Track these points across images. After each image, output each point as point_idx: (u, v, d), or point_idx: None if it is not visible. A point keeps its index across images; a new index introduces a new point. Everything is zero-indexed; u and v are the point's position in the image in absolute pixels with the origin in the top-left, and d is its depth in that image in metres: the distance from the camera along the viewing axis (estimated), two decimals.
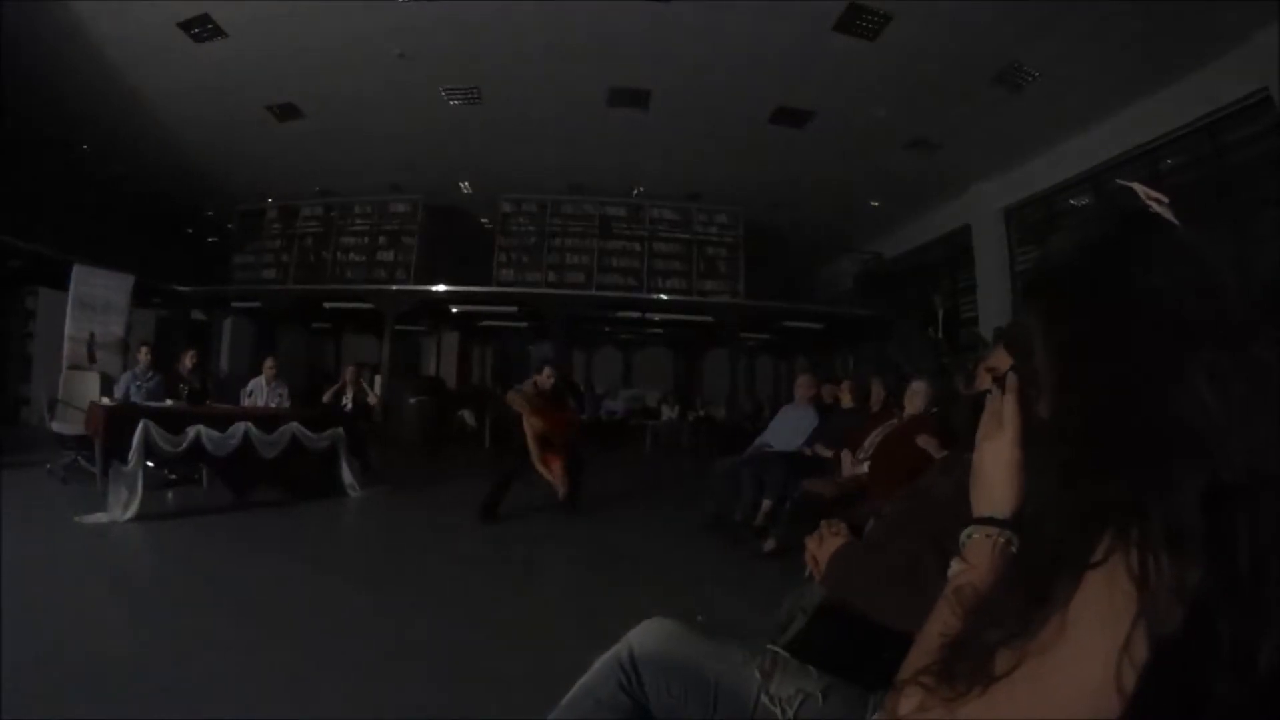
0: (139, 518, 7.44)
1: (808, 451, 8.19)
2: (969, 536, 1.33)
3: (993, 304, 14.62)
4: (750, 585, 5.76)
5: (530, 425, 8.88)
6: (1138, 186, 1.24)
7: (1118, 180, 1.16)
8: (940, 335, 15.14)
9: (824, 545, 2.16)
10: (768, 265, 20.02)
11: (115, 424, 8.11)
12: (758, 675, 1.81)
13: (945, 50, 11.17)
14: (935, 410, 6.30)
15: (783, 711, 1.75)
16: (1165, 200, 1.20)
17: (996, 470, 1.33)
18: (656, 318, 20.46)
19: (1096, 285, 1.10)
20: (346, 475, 9.71)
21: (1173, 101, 11.41)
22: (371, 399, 12.91)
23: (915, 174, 15.64)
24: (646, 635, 1.89)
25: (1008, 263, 14.84)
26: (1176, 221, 1.14)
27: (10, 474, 10.16)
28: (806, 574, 2.28)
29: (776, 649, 1.88)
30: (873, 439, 6.85)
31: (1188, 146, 11.68)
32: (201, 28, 12.61)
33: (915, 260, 18.80)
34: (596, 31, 12.19)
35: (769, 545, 7.05)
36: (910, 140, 14.28)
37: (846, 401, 8.73)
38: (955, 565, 1.34)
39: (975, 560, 1.29)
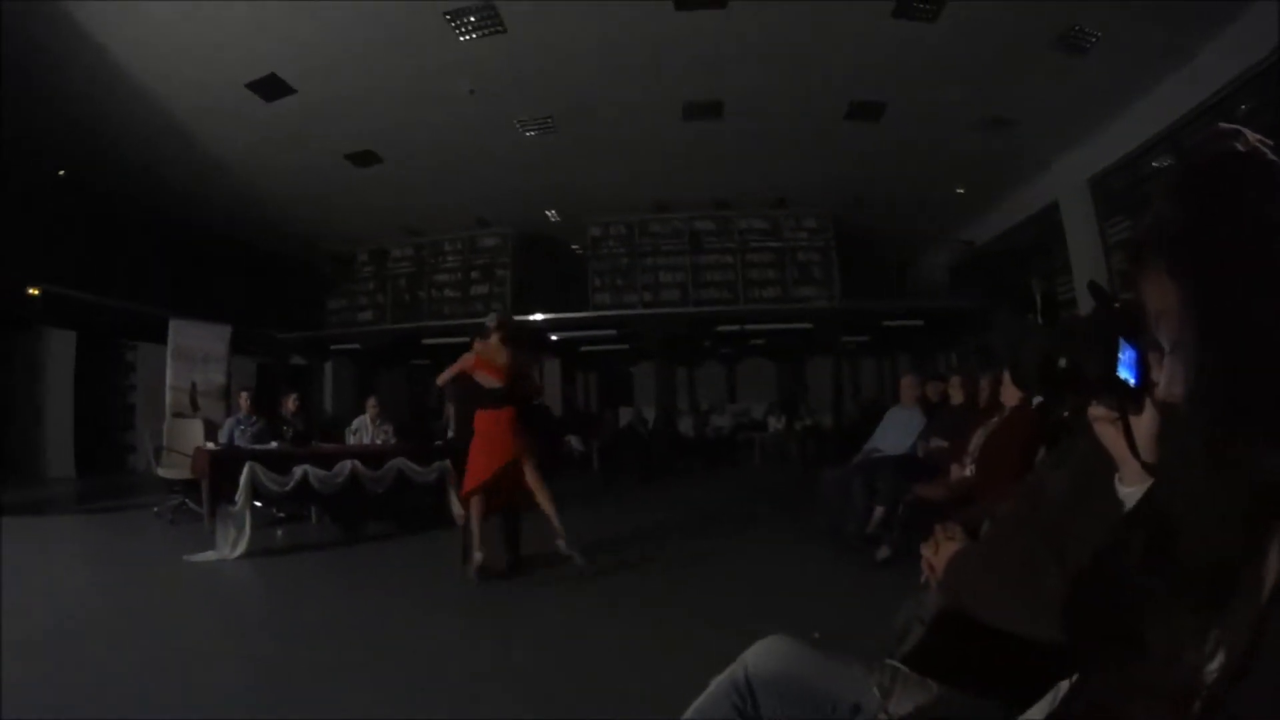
0: (248, 555, 7.56)
1: (919, 453, 7.96)
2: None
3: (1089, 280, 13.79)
4: (865, 596, 5.57)
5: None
6: (1244, 131, 1.08)
7: (1220, 124, 1.00)
8: (1041, 320, 14.68)
9: (940, 551, 2.01)
10: (861, 265, 19.71)
11: (221, 467, 8.27)
12: (877, 693, 1.72)
13: (1004, 22, 10.83)
14: (1038, 401, 6.03)
15: None
16: (1270, 142, 1.03)
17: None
18: (755, 329, 20.22)
19: (1232, 233, 0.95)
20: (455, 506, 9.68)
21: (1238, 41, 10.65)
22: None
23: (995, 155, 15.23)
24: (762, 655, 1.81)
25: (1099, 237, 14.19)
26: None
27: (120, 517, 10.54)
28: (921, 581, 2.16)
29: (895, 664, 1.80)
30: (977, 438, 6.59)
31: (1261, 89, 11.03)
32: (270, 87, 12.96)
33: (1007, 244, 18.17)
34: (660, 47, 12.17)
35: (882, 553, 6.90)
36: (986, 120, 13.90)
37: (956, 398, 8.41)
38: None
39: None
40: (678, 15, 11.15)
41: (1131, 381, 1.18)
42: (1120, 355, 1.19)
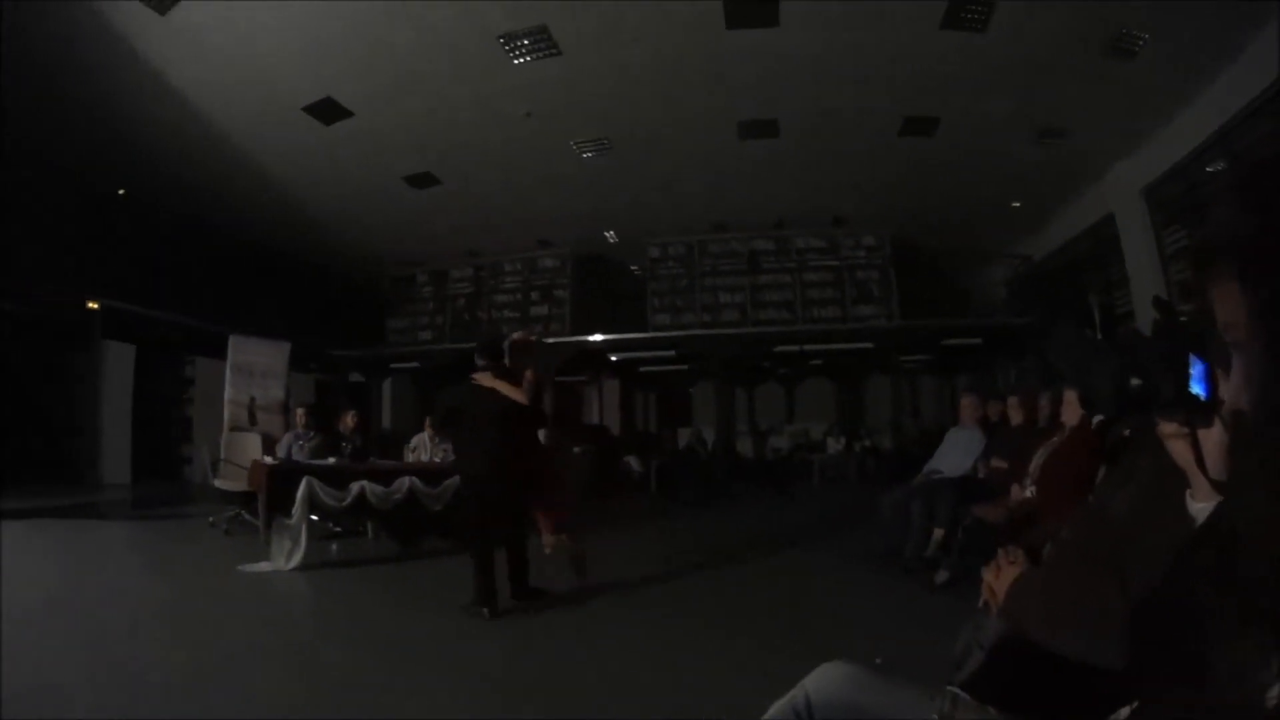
0: (303, 567, 7.62)
1: (980, 474, 7.83)
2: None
3: (1147, 294, 13.64)
4: (924, 620, 5.43)
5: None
6: None
7: None
8: (1100, 335, 14.38)
9: (1001, 575, 1.98)
10: (919, 283, 19.54)
11: (278, 480, 8.35)
12: (937, 719, 1.70)
13: (1052, 28, 10.67)
14: (1098, 419, 5.93)
15: None
16: None
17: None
18: (814, 349, 20.08)
19: None
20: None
21: None
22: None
23: (1050, 167, 15.01)
24: (823, 680, 1.81)
25: (1156, 247, 13.86)
26: None
27: (174, 526, 10.84)
28: (980, 605, 2.12)
29: (955, 690, 1.76)
30: (1038, 458, 6.44)
31: None
32: (327, 110, 13.26)
33: (1064, 258, 17.91)
34: (713, 66, 12.20)
35: (941, 577, 6.77)
36: (1039, 131, 13.72)
37: (1015, 418, 8.25)
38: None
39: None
40: (729, 34, 11.18)
41: (1201, 396, 1.16)
42: (1190, 370, 1.17)
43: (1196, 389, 1.14)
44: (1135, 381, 1.22)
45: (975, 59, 11.48)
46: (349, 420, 11.29)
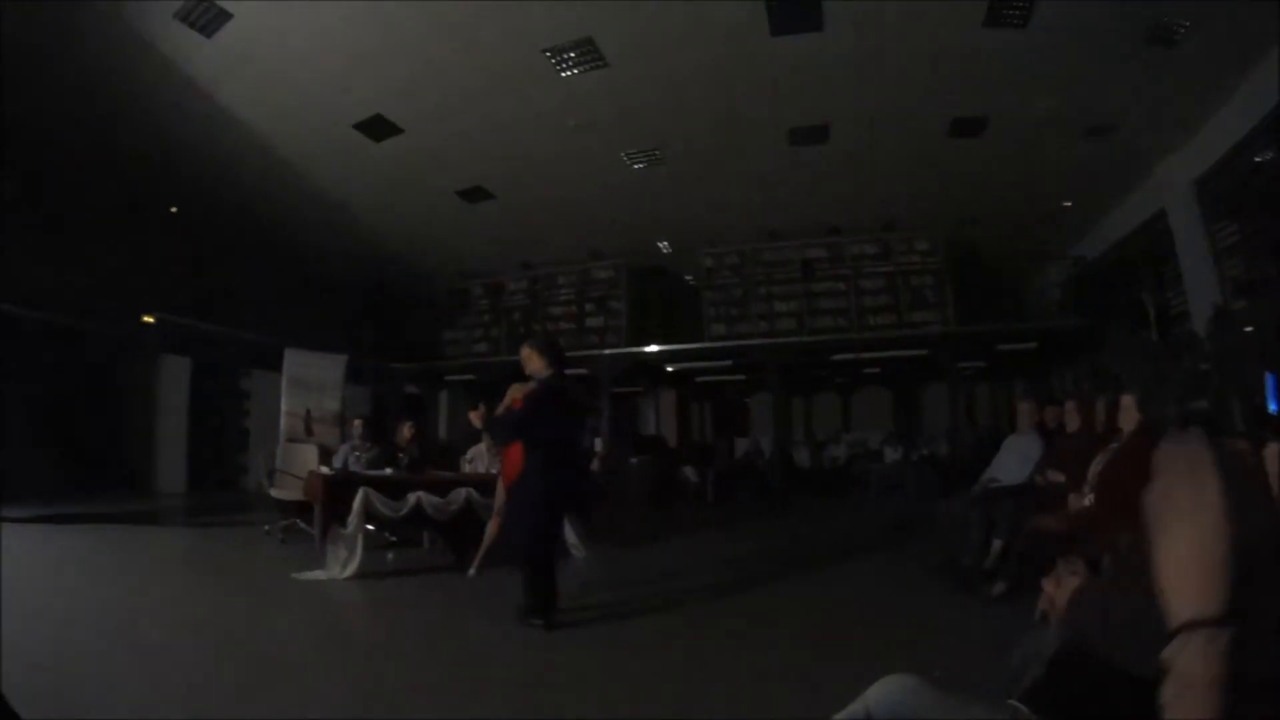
0: (358, 576, 7.72)
1: (1038, 482, 7.72)
2: (1179, 651, 1.09)
3: (1201, 291, 13.27)
4: (982, 632, 5.38)
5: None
6: None
7: None
8: (1156, 336, 14.07)
9: (1062, 586, 1.99)
10: (973, 287, 19.32)
11: (334, 491, 8.43)
12: None
13: (1092, 21, 10.49)
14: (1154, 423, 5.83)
15: None
16: None
17: (1198, 558, 1.10)
18: (870, 357, 19.95)
19: None
20: (570, 536, 9.69)
21: None
22: (595, 464, 13.04)
23: (1099, 163, 14.75)
24: (884, 694, 1.81)
25: (1208, 243, 13.40)
26: None
27: (230, 534, 11.30)
28: (1037, 617, 2.14)
29: (1015, 704, 1.77)
30: (1096, 465, 6.28)
31: None
32: (377, 127, 13.50)
33: (1118, 257, 17.38)
34: (760, 73, 12.19)
35: (998, 588, 6.71)
36: (1087, 127, 13.50)
37: (1072, 424, 8.12)
38: (1170, 688, 1.11)
39: (1193, 675, 1.06)
40: (774, 41, 11.16)
41: (1271, 408, 1.14)
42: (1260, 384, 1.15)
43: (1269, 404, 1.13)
44: (1202, 405, 1.21)
45: (1019, 55, 11.35)
46: (406, 431, 11.37)
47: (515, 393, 6.48)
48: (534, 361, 6.39)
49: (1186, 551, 1.08)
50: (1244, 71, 11.37)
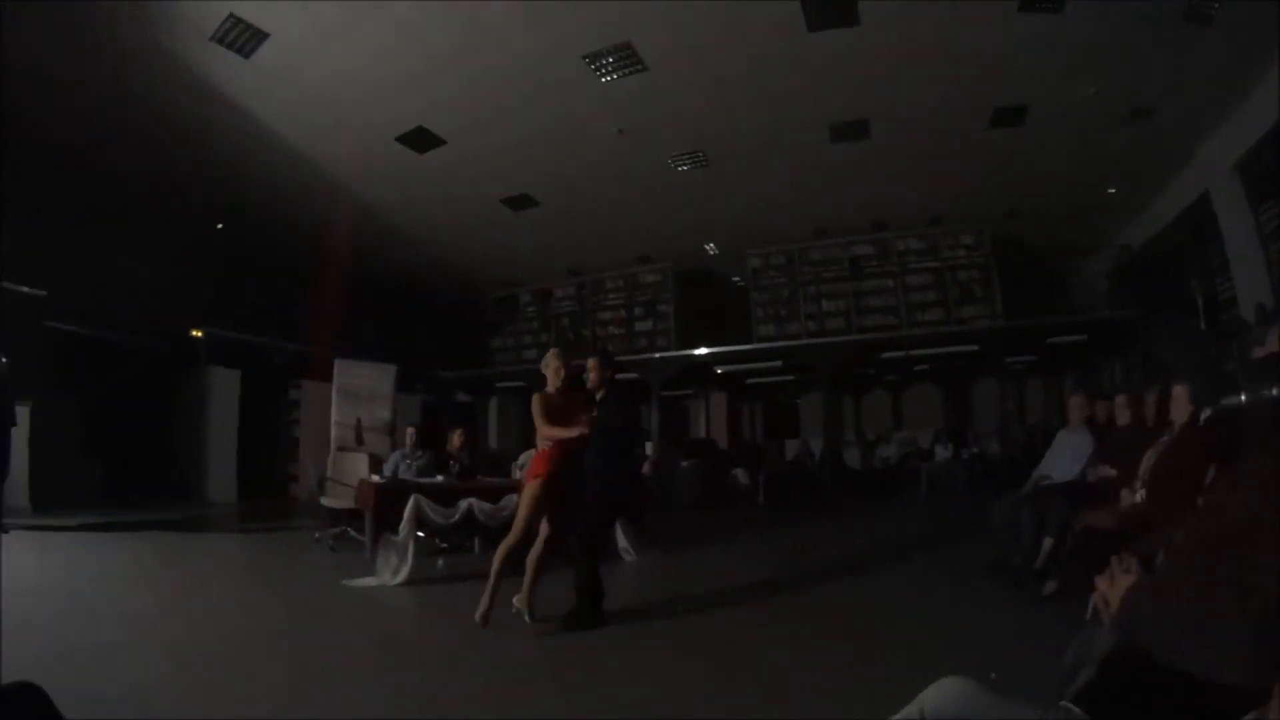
0: (409, 582, 7.77)
1: (1089, 478, 7.63)
2: None
3: (1249, 276, 13.03)
4: (1034, 633, 5.29)
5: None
6: None
7: None
8: (1204, 325, 13.80)
9: (1115, 584, 1.96)
10: (1021, 280, 19.06)
11: (386, 498, 8.56)
12: None
13: (1128, 2, 10.29)
14: (1207, 415, 5.73)
15: None
16: None
17: None
18: (920, 354, 19.86)
19: None
20: (621, 540, 9.73)
21: None
22: (646, 467, 13.05)
23: (1141, 148, 14.51)
24: (939, 697, 1.80)
25: (1255, 225, 13.05)
26: None
27: (280, 541, 11.53)
28: (1088, 616, 2.11)
29: (1069, 705, 1.76)
30: (1147, 460, 6.16)
31: None
32: (419, 139, 13.68)
33: (1164, 244, 16.98)
34: (799, 71, 12.17)
35: (1049, 587, 6.61)
36: (1126, 111, 13.29)
37: (1122, 418, 8.02)
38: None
39: None
40: (812, 37, 11.14)
41: None
42: None
43: None
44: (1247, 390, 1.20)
45: (1055, 40, 11.20)
46: (457, 439, 11.45)
47: (539, 403, 6.41)
48: (597, 372, 6.52)
49: None
50: (1275, 48, 11.18)
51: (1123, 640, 1.87)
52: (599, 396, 6.50)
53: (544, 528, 6.30)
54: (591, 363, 6.62)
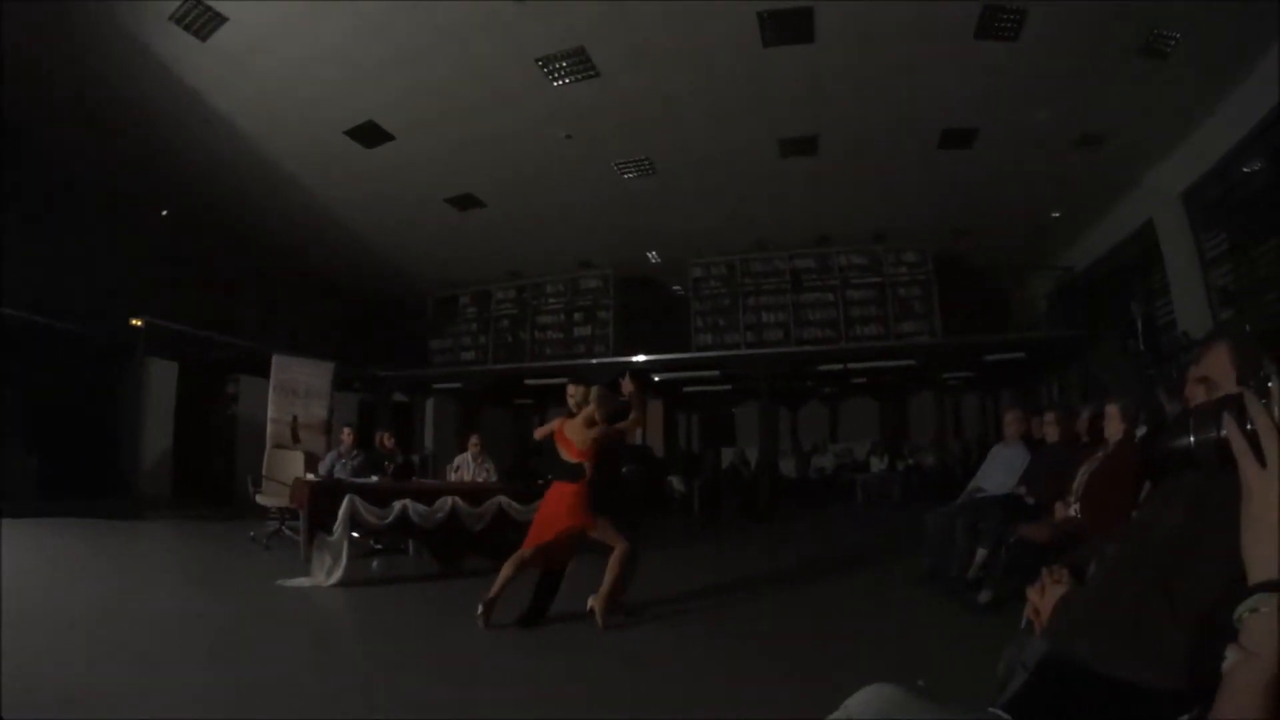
0: (343, 583, 7.69)
1: (1022, 493, 7.73)
2: (1249, 611, 1.08)
3: (1188, 301, 13.45)
4: (968, 641, 5.34)
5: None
6: None
7: None
8: (1142, 346, 14.13)
9: (1046, 594, 2.00)
10: (961, 298, 19.32)
11: (320, 497, 8.39)
12: None
13: (1083, 33, 10.58)
14: (1141, 433, 5.85)
15: None
16: None
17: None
18: (857, 367, 20.03)
19: None
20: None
21: None
22: None
23: (1088, 174, 14.84)
24: (866, 703, 1.77)
25: (1196, 253, 13.46)
26: None
27: (214, 539, 11.53)
28: (1023, 625, 2.17)
29: (998, 711, 1.75)
30: (1081, 476, 6.23)
31: None
32: (368, 134, 13.57)
33: (1106, 268, 17.53)
34: (752, 85, 12.26)
35: (984, 597, 6.67)
36: (1076, 138, 13.57)
37: (1052, 435, 8.16)
38: (1232, 653, 1.10)
39: (1260, 643, 1.05)
40: (766, 52, 11.23)
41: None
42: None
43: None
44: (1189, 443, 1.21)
45: (1010, 67, 11.42)
46: (384, 441, 11.41)
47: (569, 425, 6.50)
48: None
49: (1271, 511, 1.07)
50: (1232, 84, 11.46)
51: (1054, 648, 1.86)
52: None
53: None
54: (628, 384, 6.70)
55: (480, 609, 5.91)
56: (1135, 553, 1.87)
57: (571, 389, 6.91)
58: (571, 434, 6.55)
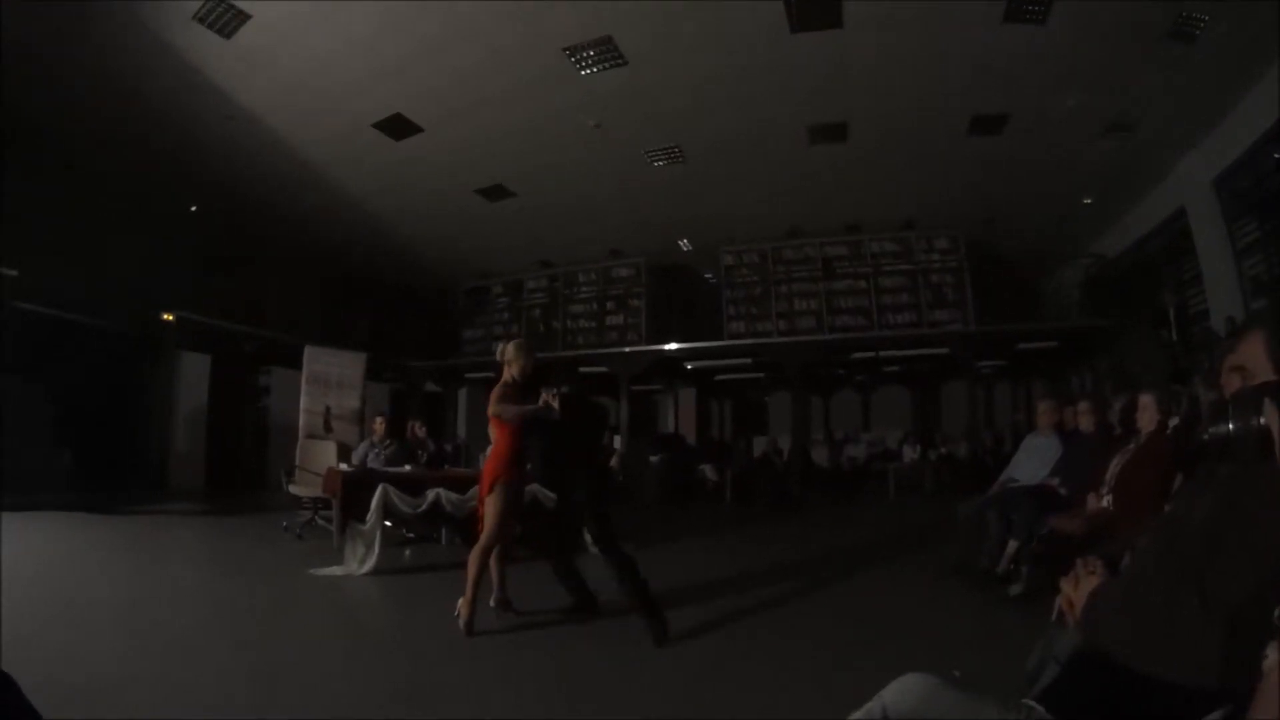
0: (375, 572, 7.76)
1: (1055, 484, 7.67)
2: None
3: (1221, 290, 13.28)
4: (999, 633, 5.37)
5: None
6: None
7: None
8: (1175, 336, 13.95)
9: (1079, 586, 1.97)
10: (994, 286, 19.27)
11: (353, 487, 8.49)
12: None
13: (1111, 16, 10.42)
14: (1175, 424, 5.79)
15: None
16: None
17: None
18: (890, 355, 19.99)
19: None
20: (587, 534, 9.73)
21: None
22: (614, 460, 13.02)
23: (1120, 160, 14.64)
24: (901, 693, 1.80)
25: (1228, 241, 13.30)
26: None
27: (247, 529, 11.37)
28: (1054, 617, 2.16)
29: (1031, 703, 1.77)
30: (1114, 468, 6.18)
31: None
32: (397, 126, 13.62)
33: (1138, 256, 17.23)
34: (780, 71, 12.19)
35: (1015, 589, 6.64)
36: (1107, 124, 13.44)
37: (1086, 425, 8.06)
38: (1274, 651, 1.10)
39: None
40: (795, 38, 11.16)
41: None
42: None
43: None
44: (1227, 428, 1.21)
45: (1039, 52, 11.29)
46: (415, 430, 11.45)
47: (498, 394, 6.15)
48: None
49: None
50: (1263, 67, 11.26)
51: (1086, 641, 1.88)
52: (561, 391, 6.20)
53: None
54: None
55: (493, 604, 6.01)
56: (1166, 546, 1.83)
57: (501, 346, 6.36)
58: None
